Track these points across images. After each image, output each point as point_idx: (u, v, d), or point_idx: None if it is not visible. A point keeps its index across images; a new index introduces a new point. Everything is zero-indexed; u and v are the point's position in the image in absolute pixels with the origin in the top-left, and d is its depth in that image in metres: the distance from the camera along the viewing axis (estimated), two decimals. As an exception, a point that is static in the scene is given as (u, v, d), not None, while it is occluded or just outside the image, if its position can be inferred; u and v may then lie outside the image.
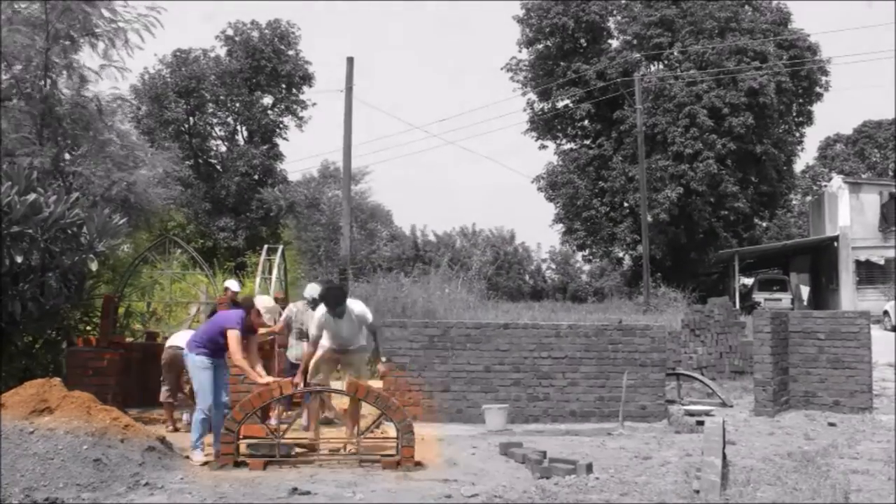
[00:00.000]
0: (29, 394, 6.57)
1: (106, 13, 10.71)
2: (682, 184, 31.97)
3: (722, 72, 32.25)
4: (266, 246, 12.53)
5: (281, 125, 35.72)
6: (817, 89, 35.85)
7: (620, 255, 38.34)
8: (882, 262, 29.30)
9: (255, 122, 34.57)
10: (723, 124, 31.87)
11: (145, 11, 10.74)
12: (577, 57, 35.73)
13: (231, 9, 75.75)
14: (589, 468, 6.67)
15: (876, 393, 11.06)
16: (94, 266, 9.64)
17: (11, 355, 9.42)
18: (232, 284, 11.72)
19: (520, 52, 37.97)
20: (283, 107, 35.60)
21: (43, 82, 10.31)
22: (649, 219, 30.55)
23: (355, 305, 7.66)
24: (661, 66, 35.66)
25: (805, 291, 34.16)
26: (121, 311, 11.38)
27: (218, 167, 34.85)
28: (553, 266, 43.39)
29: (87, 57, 10.92)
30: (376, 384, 8.62)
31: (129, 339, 11.30)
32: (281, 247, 12.37)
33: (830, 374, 10.61)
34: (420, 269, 28.48)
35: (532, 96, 37.79)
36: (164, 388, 9.12)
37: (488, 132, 53.70)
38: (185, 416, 9.03)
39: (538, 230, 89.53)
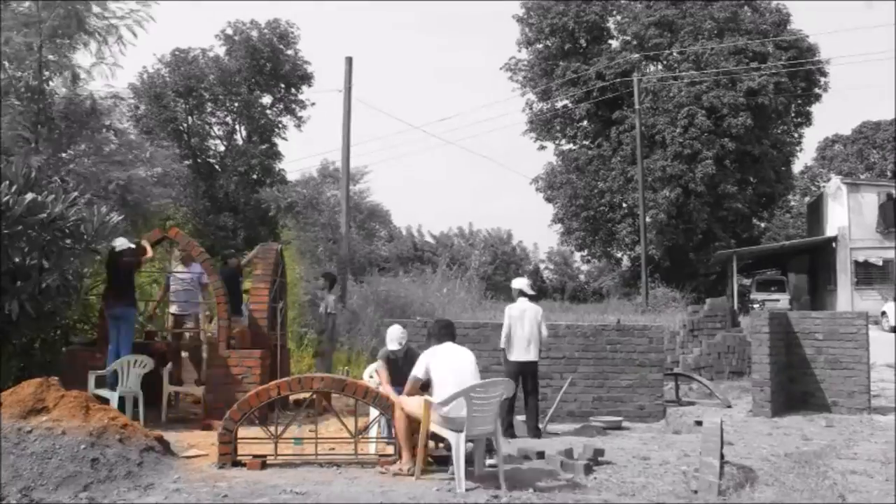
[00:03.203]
0: (27, 393, 6.57)
1: (97, 9, 10.68)
2: (681, 184, 31.97)
3: (721, 72, 32.26)
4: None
5: (280, 125, 35.68)
6: (816, 90, 35.87)
7: (619, 255, 38.37)
8: (880, 262, 29.32)
9: (254, 122, 34.54)
10: (721, 125, 31.87)
11: (137, 6, 10.74)
12: (576, 57, 35.73)
13: (231, 8, 75.70)
14: (588, 468, 6.67)
15: (874, 393, 11.06)
16: (93, 266, 9.62)
17: (9, 355, 9.40)
18: None
19: (519, 51, 38.05)
20: (281, 106, 35.57)
21: (37, 81, 10.28)
22: (648, 219, 30.55)
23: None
24: (660, 67, 35.67)
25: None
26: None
27: (216, 166, 34.80)
28: (551, 266, 43.45)
29: (81, 55, 10.93)
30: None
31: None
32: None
33: (828, 374, 10.60)
34: (418, 268, 28.47)
35: (531, 96, 37.84)
36: None
37: (488, 132, 53.72)
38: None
39: (536, 230, 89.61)
